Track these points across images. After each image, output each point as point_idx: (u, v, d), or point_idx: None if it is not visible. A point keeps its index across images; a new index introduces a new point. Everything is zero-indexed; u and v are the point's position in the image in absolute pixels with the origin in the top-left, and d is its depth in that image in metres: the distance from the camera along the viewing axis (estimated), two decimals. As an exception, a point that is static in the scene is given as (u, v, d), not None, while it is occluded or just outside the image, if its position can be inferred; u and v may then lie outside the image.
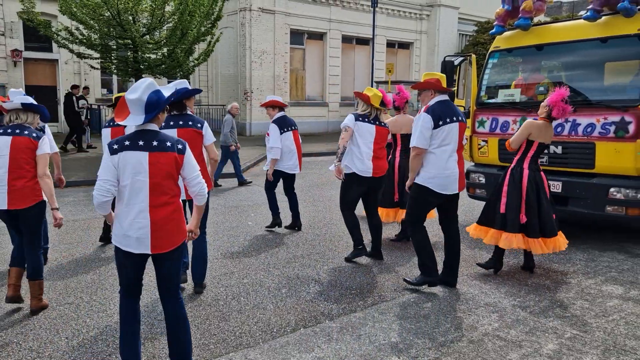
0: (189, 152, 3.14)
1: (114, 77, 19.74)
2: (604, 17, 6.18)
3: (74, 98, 14.93)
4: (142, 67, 14.01)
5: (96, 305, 4.39)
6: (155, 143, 3.01)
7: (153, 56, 14.23)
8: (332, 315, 4.25)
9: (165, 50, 14.15)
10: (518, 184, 5.18)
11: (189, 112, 4.61)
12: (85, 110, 15.32)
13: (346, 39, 23.42)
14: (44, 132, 4.57)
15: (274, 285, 4.91)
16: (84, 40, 13.66)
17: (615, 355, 3.61)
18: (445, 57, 7.12)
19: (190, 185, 3.15)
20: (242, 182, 10.79)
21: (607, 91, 6.29)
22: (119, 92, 20.44)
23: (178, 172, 3.09)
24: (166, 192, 3.04)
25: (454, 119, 4.68)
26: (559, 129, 6.30)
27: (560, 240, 5.27)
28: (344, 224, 7.39)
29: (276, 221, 6.96)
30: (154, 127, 3.07)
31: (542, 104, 5.27)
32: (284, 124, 6.75)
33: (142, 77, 14.39)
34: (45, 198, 4.24)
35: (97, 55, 14.55)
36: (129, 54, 14.16)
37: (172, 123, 4.47)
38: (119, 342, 3.18)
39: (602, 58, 6.30)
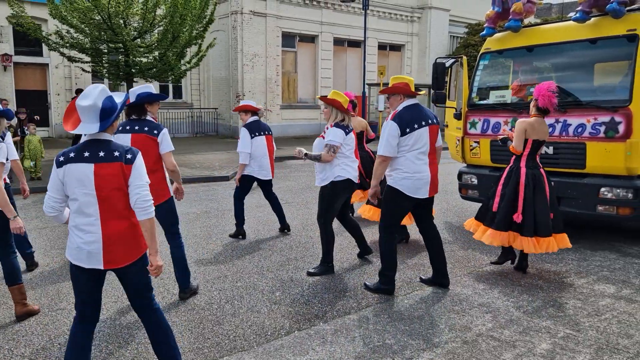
0: (138, 162, 2.90)
1: (105, 81, 19.68)
2: (593, 19, 6.24)
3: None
4: (133, 70, 14.00)
5: (89, 310, 4.36)
6: (102, 154, 2.81)
7: (144, 60, 14.21)
8: (327, 317, 4.25)
9: (156, 53, 14.14)
10: (515, 183, 5.18)
11: (148, 118, 4.43)
12: None
13: (338, 42, 23.48)
14: (3, 139, 4.36)
15: (267, 289, 4.90)
16: (75, 44, 13.62)
17: (608, 353, 3.63)
18: (436, 59, 7.14)
19: (130, 195, 2.87)
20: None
21: (597, 92, 6.34)
22: (110, 96, 20.45)
23: (127, 184, 2.87)
24: (117, 205, 2.85)
25: (423, 123, 4.59)
26: (550, 130, 6.33)
27: (554, 241, 5.23)
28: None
29: (240, 231, 6.71)
30: (107, 136, 2.88)
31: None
32: (256, 129, 6.53)
33: (134, 81, 14.43)
34: None
35: (88, 59, 14.51)
36: (120, 57, 14.13)
37: (128, 127, 4.33)
38: None
39: (592, 59, 6.35)
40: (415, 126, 4.55)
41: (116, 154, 2.84)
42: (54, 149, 14.50)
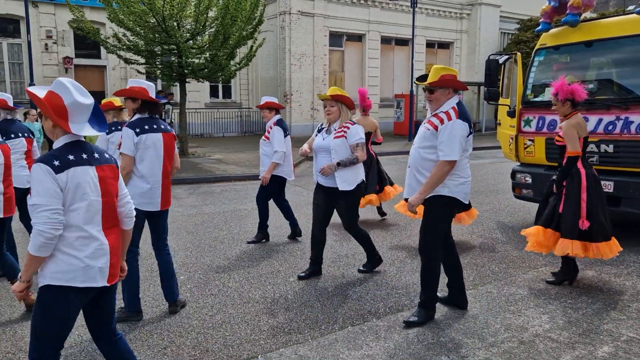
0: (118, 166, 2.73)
1: (158, 82, 20.31)
2: (657, 11, 5.98)
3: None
4: (186, 71, 14.37)
5: (149, 299, 4.54)
6: (96, 155, 2.51)
7: (196, 61, 14.57)
8: (379, 314, 4.27)
9: (208, 54, 14.47)
10: (577, 187, 4.80)
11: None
12: (169, 114, 16.49)
13: (385, 40, 23.37)
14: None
15: (320, 284, 4.96)
16: (131, 47, 14.13)
17: (675, 359, 3.49)
18: (489, 56, 7.02)
19: (120, 204, 2.63)
20: None
21: (661, 88, 6.07)
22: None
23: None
24: (114, 213, 2.60)
25: (471, 122, 4.07)
26: (610, 127, 6.13)
27: (609, 247, 4.84)
28: (386, 225, 7.42)
29: (264, 234, 6.52)
30: (81, 136, 2.50)
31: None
32: (285, 128, 6.30)
33: (187, 81, 14.83)
34: None
35: (142, 60, 15.02)
36: (173, 59, 14.55)
37: (155, 126, 4.06)
38: None
39: (656, 53, 6.09)
40: (471, 124, 4.11)
41: (107, 155, 2.60)
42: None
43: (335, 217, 5.37)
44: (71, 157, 2.40)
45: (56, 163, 2.35)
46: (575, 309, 4.37)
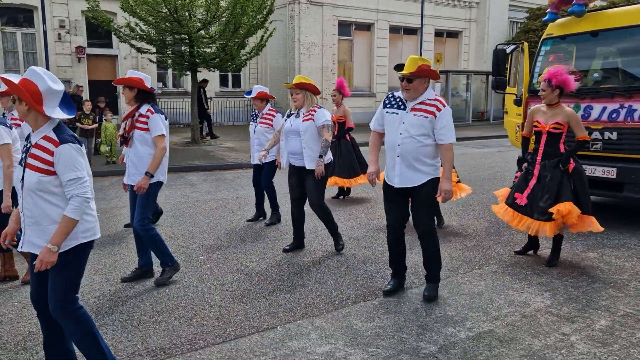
0: None
1: (169, 71, 20.55)
2: (662, 2, 6.13)
3: (202, 91, 16.56)
4: (197, 60, 14.60)
5: (173, 280, 4.82)
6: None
7: (208, 50, 14.79)
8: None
9: (218, 44, 14.68)
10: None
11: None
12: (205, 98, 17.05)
13: (394, 29, 23.44)
14: None
15: (333, 264, 5.22)
16: (144, 36, 14.36)
17: (668, 331, 3.72)
18: (497, 45, 7.20)
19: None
20: None
21: (664, 76, 6.24)
22: (173, 85, 21.38)
23: None
24: None
25: None
26: (614, 115, 6.31)
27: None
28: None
29: (278, 217, 6.93)
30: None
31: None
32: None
33: (198, 70, 15.06)
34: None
35: (154, 50, 15.26)
36: (184, 48, 14.77)
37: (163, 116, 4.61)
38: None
39: (661, 43, 6.24)
40: None
41: None
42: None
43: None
44: (74, 137, 2.82)
45: (76, 141, 2.79)
46: (576, 287, 4.60)
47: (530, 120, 5.37)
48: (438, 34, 24.77)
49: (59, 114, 2.78)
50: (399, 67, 4.14)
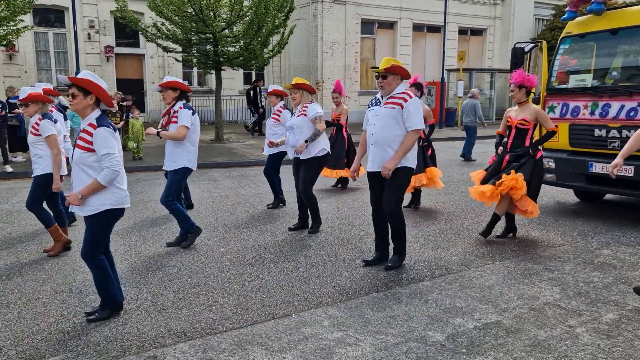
0: None
1: (194, 70, 20.95)
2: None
3: (258, 89, 17.64)
4: (221, 59, 14.89)
5: (194, 267, 5.05)
6: None
7: (232, 49, 15.07)
8: (402, 283, 4.67)
9: (242, 43, 14.95)
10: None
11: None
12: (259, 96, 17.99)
13: (417, 27, 23.43)
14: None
15: (348, 257, 5.39)
16: (170, 36, 14.72)
17: (674, 326, 3.78)
18: (515, 44, 7.26)
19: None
20: (468, 159, 12.86)
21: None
22: (198, 84, 21.77)
23: None
24: None
25: None
26: (632, 114, 6.32)
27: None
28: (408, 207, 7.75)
29: (281, 200, 7.79)
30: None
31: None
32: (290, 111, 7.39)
33: (222, 69, 15.35)
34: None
35: (180, 49, 15.61)
36: (208, 47, 15.09)
37: (193, 110, 5.59)
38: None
39: (680, 41, 6.22)
40: None
41: None
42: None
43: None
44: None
45: (111, 127, 3.69)
46: (587, 282, 4.67)
47: (504, 119, 6.04)
48: (462, 31, 24.65)
49: (103, 106, 3.78)
50: (375, 67, 4.80)
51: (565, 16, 7.21)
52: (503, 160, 5.88)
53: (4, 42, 13.16)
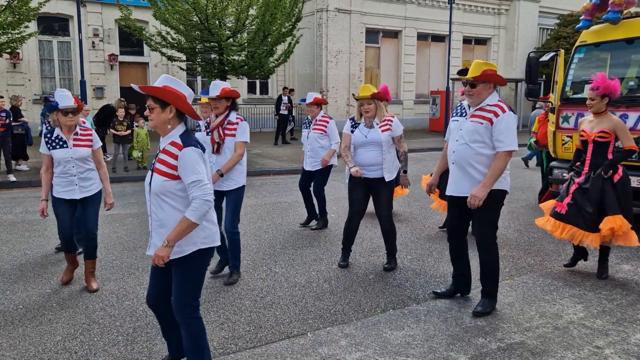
0: None
1: (199, 79, 20.87)
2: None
3: (287, 98, 17.94)
4: (226, 68, 14.80)
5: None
6: None
7: (237, 58, 14.99)
8: (419, 299, 4.51)
9: (247, 51, 14.87)
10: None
11: None
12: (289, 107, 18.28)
13: (421, 37, 23.36)
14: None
15: (361, 272, 5.24)
16: (174, 44, 14.65)
17: None
18: (530, 53, 7.15)
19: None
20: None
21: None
22: (202, 92, 21.68)
23: None
24: None
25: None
26: (649, 124, 6.18)
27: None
28: (424, 217, 7.61)
29: (325, 222, 7.10)
30: None
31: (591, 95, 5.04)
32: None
33: (227, 78, 15.27)
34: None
35: (184, 57, 15.53)
36: (213, 56, 15.00)
37: None
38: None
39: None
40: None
41: None
42: (156, 141, 15.69)
43: (370, 210, 5.58)
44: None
45: (199, 146, 2.86)
46: (610, 299, 4.52)
47: (578, 131, 5.28)
48: (466, 40, 24.58)
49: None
50: (463, 72, 4.11)
51: (580, 25, 7.10)
52: (574, 182, 5.15)
53: (8, 50, 13.08)
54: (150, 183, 2.88)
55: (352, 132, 5.18)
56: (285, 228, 7.01)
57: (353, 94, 5.39)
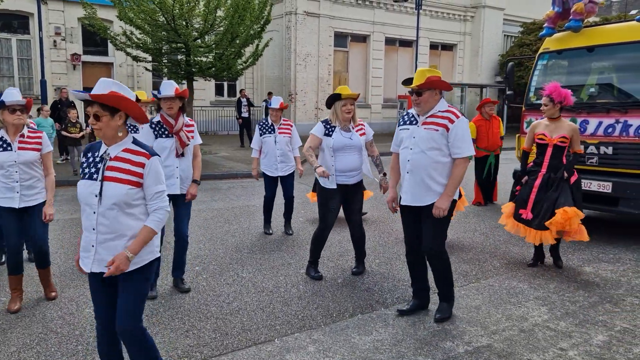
0: None
1: (165, 80, 20.52)
2: (657, 19, 6.21)
3: (246, 99, 17.85)
4: (193, 69, 14.58)
5: (168, 287, 4.77)
6: None
7: (204, 59, 14.79)
8: (387, 303, 4.50)
9: (215, 53, 14.69)
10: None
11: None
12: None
13: (389, 41, 23.59)
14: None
15: (329, 276, 5.20)
16: (140, 45, 14.35)
17: (665, 347, 3.72)
18: (508, 59, 7.30)
19: None
20: None
21: (659, 93, 6.30)
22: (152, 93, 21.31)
23: None
24: None
25: None
26: (609, 130, 6.36)
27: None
28: (392, 220, 7.64)
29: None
30: None
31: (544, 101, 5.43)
32: None
33: (194, 79, 15.05)
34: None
35: (150, 58, 15.23)
36: (180, 57, 14.77)
37: None
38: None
39: (656, 59, 6.31)
40: None
41: None
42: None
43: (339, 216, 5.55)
44: None
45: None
46: (573, 301, 4.60)
47: (532, 135, 5.58)
48: (433, 46, 24.95)
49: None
50: (408, 81, 4.03)
51: (543, 32, 7.26)
52: (533, 185, 5.43)
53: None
54: (100, 193, 2.63)
55: (330, 135, 4.91)
56: (253, 232, 6.91)
57: (340, 94, 4.95)
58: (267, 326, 4.01)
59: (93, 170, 2.69)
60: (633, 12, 7.10)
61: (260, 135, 6.71)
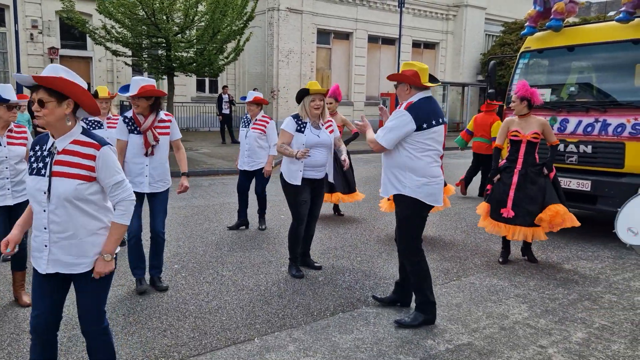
0: None
1: (145, 75, 20.25)
2: (636, 19, 6.27)
3: (228, 96, 17.79)
4: (174, 65, 14.39)
5: (147, 289, 4.67)
6: None
7: (185, 54, 14.60)
8: (368, 302, 4.47)
9: (196, 48, 14.51)
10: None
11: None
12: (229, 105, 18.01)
13: (372, 39, 23.60)
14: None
15: (311, 274, 5.15)
16: (120, 39, 14.11)
17: (643, 344, 3.76)
18: (490, 58, 7.33)
19: None
20: None
21: (638, 92, 6.38)
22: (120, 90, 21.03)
23: None
24: None
25: (440, 120, 3.95)
26: (588, 129, 6.42)
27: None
28: (373, 218, 7.63)
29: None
30: None
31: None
32: None
33: (175, 75, 14.86)
34: None
35: (130, 53, 15.00)
36: (160, 52, 14.57)
37: None
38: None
39: (634, 59, 6.38)
40: (433, 122, 3.86)
41: None
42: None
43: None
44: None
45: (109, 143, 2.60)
46: (553, 299, 4.63)
47: (505, 132, 5.67)
48: (416, 44, 25.04)
49: (83, 114, 2.60)
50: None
51: (524, 31, 7.30)
52: (511, 182, 5.50)
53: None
54: (49, 190, 2.44)
55: (302, 132, 4.92)
56: (234, 230, 6.83)
57: (308, 89, 4.89)
58: (247, 325, 3.95)
59: (41, 165, 2.49)
60: (611, 13, 7.20)
61: (241, 128, 6.85)
